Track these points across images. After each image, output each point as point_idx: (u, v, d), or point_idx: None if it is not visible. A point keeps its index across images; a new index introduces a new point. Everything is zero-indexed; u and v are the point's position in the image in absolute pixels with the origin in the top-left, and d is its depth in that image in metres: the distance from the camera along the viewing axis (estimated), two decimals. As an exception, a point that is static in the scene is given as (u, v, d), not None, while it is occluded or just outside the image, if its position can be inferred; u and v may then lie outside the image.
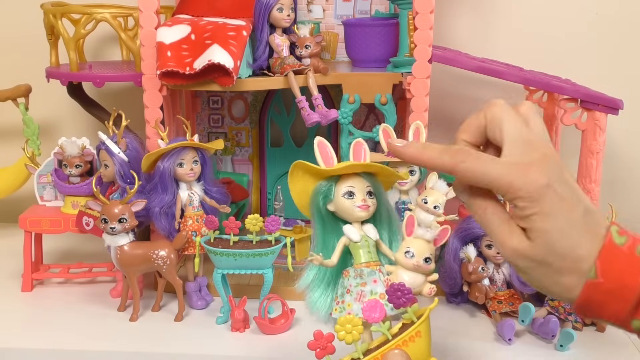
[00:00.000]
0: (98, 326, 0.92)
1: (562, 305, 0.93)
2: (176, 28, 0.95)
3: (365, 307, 0.54)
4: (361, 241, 0.58)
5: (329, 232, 0.59)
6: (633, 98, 1.09)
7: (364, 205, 0.57)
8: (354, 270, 0.58)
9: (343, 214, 0.58)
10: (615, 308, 0.44)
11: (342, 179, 0.58)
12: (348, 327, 0.53)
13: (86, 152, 1.06)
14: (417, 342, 0.53)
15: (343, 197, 0.58)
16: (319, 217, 0.59)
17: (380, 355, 0.52)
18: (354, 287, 0.57)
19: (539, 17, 1.24)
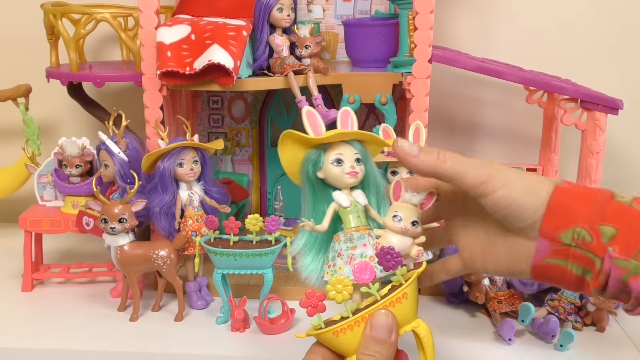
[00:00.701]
0: (98, 326, 0.92)
1: (562, 305, 0.93)
2: (176, 28, 0.95)
3: (356, 269, 0.55)
4: (350, 206, 0.59)
5: (319, 199, 0.60)
6: (633, 98, 1.09)
7: (352, 172, 0.58)
8: (344, 235, 0.59)
9: (332, 180, 0.59)
10: (582, 208, 0.52)
11: (331, 147, 0.59)
12: (339, 287, 0.54)
13: (86, 152, 1.06)
14: (403, 303, 0.55)
15: (332, 164, 0.58)
16: (309, 184, 0.60)
17: (367, 314, 0.54)
18: (344, 250, 0.58)
19: (539, 17, 1.25)
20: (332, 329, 0.54)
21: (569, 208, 0.52)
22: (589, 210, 0.52)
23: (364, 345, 0.54)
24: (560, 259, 0.53)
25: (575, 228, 0.52)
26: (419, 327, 0.56)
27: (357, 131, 0.59)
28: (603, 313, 0.91)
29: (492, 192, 0.53)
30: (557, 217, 0.52)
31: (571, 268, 0.53)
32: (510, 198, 0.53)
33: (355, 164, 0.58)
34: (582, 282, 0.53)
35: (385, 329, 0.54)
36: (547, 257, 0.53)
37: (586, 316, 0.92)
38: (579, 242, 0.52)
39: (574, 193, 0.53)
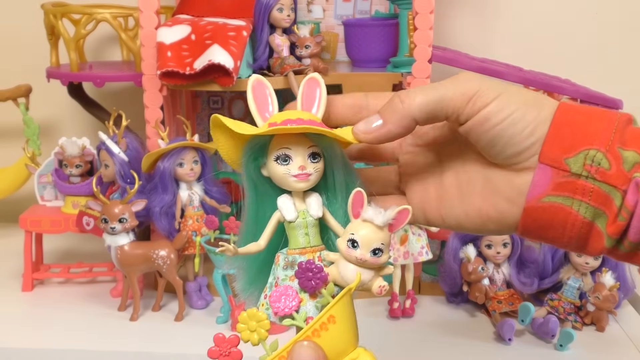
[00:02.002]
0: (98, 326, 0.92)
1: (562, 305, 0.93)
2: (176, 28, 0.95)
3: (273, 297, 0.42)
4: (297, 220, 0.43)
5: (263, 203, 0.45)
6: (633, 98, 1.09)
7: (301, 174, 0.42)
8: (284, 258, 0.43)
9: (277, 182, 0.43)
10: (596, 127, 0.39)
11: (277, 137, 0.42)
12: (252, 324, 0.42)
13: (86, 152, 1.06)
14: (331, 329, 0.40)
15: (276, 161, 0.42)
16: (251, 183, 0.44)
17: (287, 352, 0.40)
18: (281, 280, 0.43)
19: (539, 17, 1.25)
20: None
21: (579, 126, 0.39)
22: (605, 129, 0.39)
23: None
24: (563, 196, 0.39)
25: (589, 150, 0.38)
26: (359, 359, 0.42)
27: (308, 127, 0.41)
28: (603, 313, 0.91)
29: (483, 105, 0.40)
30: (564, 136, 0.39)
31: (578, 209, 0.39)
32: (507, 110, 0.39)
33: (308, 161, 0.42)
34: (589, 232, 0.39)
35: None
36: (546, 193, 0.39)
37: (586, 316, 0.93)
38: (593, 170, 0.38)
39: (583, 110, 0.40)
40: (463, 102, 0.40)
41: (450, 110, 0.40)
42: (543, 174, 0.39)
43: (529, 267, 0.95)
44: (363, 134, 0.42)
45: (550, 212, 0.39)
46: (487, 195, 0.42)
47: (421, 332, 0.91)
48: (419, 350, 0.86)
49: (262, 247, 0.44)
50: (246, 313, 0.42)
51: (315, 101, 0.44)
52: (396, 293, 0.95)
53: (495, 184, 0.42)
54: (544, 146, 0.39)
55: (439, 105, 0.41)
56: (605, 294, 0.88)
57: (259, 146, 0.43)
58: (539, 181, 0.39)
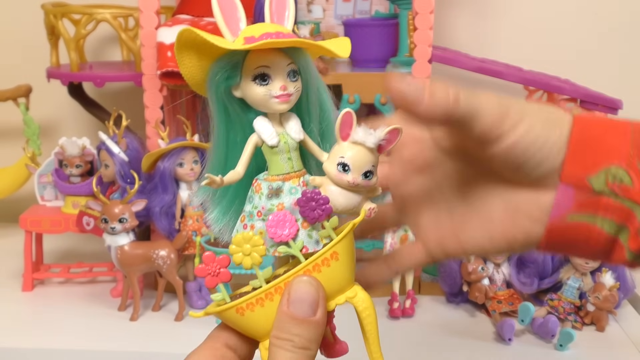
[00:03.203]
0: (98, 326, 0.92)
1: (561, 305, 0.93)
2: (176, 28, 0.95)
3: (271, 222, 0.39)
4: (279, 145, 0.40)
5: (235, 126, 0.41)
6: (633, 98, 1.09)
7: (283, 94, 0.38)
8: (267, 185, 0.40)
9: (254, 103, 0.39)
10: (615, 141, 0.38)
11: (253, 54, 0.38)
12: (246, 247, 0.39)
13: (86, 152, 1.06)
14: (332, 265, 0.39)
15: (254, 81, 0.38)
16: (220, 105, 0.41)
17: (284, 283, 0.38)
18: (267, 209, 0.40)
19: (539, 17, 1.25)
20: (234, 305, 0.40)
21: (599, 141, 0.38)
22: (622, 142, 0.37)
23: (279, 326, 0.38)
24: (587, 215, 0.38)
25: (610, 167, 0.37)
26: (356, 298, 0.40)
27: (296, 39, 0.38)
28: (603, 313, 0.91)
29: (511, 128, 0.38)
30: (584, 153, 0.38)
31: (602, 226, 0.38)
32: (533, 133, 0.38)
33: (288, 80, 0.39)
34: (612, 246, 0.39)
35: (307, 303, 0.38)
36: (570, 212, 0.38)
37: (586, 316, 0.93)
38: (615, 188, 0.37)
39: (598, 123, 0.39)
40: (500, 120, 0.38)
41: (486, 124, 0.38)
42: (565, 193, 0.38)
43: (529, 267, 0.95)
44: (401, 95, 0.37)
45: (573, 230, 0.39)
46: (510, 217, 0.41)
47: (421, 332, 0.91)
48: (419, 350, 0.86)
49: (241, 175, 0.40)
50: (241, 235, 0.39)
51: (286, 12, 0.40)
52: (396, 293, 0.95)
53: (518, 204, 0.40)
54: (564, 165, 0.38)
55: (477, 114, 0.37)
56: (605, 294, 0.88)
57: (231, 64, 0.39)
58: (562, 200, 0.38)
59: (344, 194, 0.39)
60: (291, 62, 0.39)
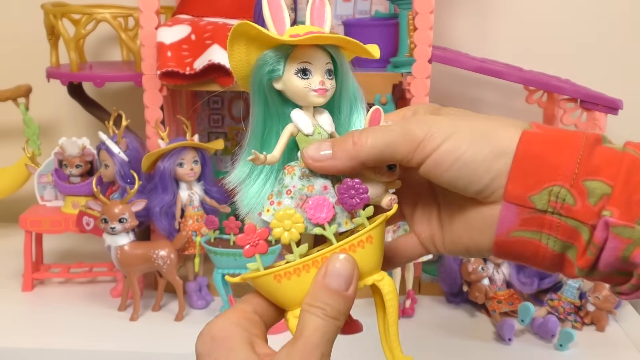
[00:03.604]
0: (98, 326, 0.92)
1: (561, 305, 0.93)
2: (176, 28, 0.95)
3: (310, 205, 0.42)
4: (314, 134, 0.44)
5: (272, 117, 0.45)
6: (633, 98, 1.09)
7: (321, 89, 0.43)
8: (300, 169, 0.44)
9: (293, 96, 0.44)
10: (560, 158, 0.38)
11: (297, 51, 0.43)
12: (287, 223, 0.42)
13: (86, 152, 1.06)
14: (367, 248, 0.42)
15: (296, 75, 0.43)
16: (261, 96, 0.44)
17: (321, 257, 0.42)
18: (297, 188, 0.43)
19: (539, 17, 1.25)
20: (273, 272, 0.42)
21: (542, 159, 0.38)
22: (569, 160, 0.38)
23: (313, 294, 0.41)
24: (531, 231, 0.39)
25: (553, 187, 0.38)
26: (383, 281, 0.44)
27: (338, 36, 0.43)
28: (603, 313, 0.91)
29: (432, 150, 0.40)
30: (527, 173, 0.39)
31: (547, 243, 0.39)
32: (456, 152, 0.39)
33: (325, 77, 0.43)
34: (561, 261, 0.40)
35: (343, 278, 0.41)
36: (514, 229, 0.40)
37: (586, 316, 0.93)
38: (558, 207, 0.38)
39: (547, 138, 0.39)
40: (411, 149, 0.40)
41: (399, 156, 0.41)
42: (509, 211, 0.40)
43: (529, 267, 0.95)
44: (311, 160, 0.42)
45: (520, 245, 0.40)
46: (463, 226, 0.43)
47: (421, 332, 0.91)
48: (419, 350, 0.86)
49: (277, 159, 0.44)
50: (282, 211, 0.42)
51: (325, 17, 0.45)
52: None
53: (468, 215, 0.43)
54: (507, 184, 0.39)
55: (387, 151, 0.41)
56: (605, 294, 0.88)
57: (276, 58, 0.43)
58: (506, 217, 0.40)
59: (367, 184, 0.43)
60: (329, 62, 0.43)
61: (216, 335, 0.42)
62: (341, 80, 0.45)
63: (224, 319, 0.42)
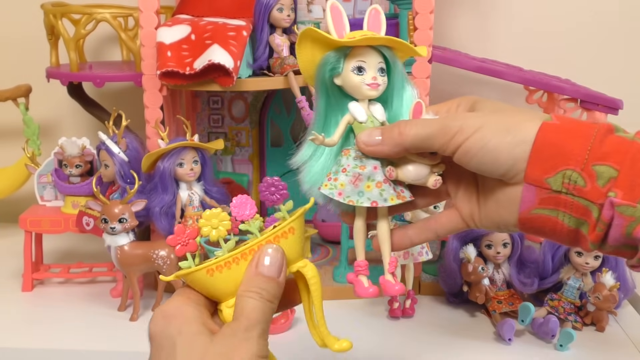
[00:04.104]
0: (98, 326, 0.92)
1: (562, 305, 0.93)
2: (176, 28, 0.95)
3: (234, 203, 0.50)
4: (367, 122, 0.51)
5: (333, 107, 0.53)
6: (633, 98, 1.09)
7: (373, 83, 0.51)
8: (355, 151, 0.51)
9: (350, 90, 0.52)
10: (573, 145, 0.44)
11: (354, 52, 0.51)
12: (214, 221, 0.49)
13: (86, 152, 1.06)
14: (290, 239, 0.48)
15: (352, 71, 0.51)
16: (324, 90, 0.52)
17: (249, 250, 0.47)
18: (351, 167, 0.51)
19: (539, 17, 1.25)
20: (206, 266, 0.48)
21: (557, 147, 0.45)
22: (581, 147, 0.44)
23: (248, 282, 0.47)
24: (549, 209, 0.46)
25: (566, 170, 0.44)
26: (306, 267, 0.50)
27: (387, 37, 0.51)
28: (603, 313, 0.91)
29: (463, 140, 0.47)
30: (543, 158, 0.45)
31: (563, 219, 0.45)
32: (482, 141, 0.46)
33: (378, 74, 0.51)
34: (576, 236, 0.46)
35: (274, 266, 0.47)
36: (534, 207, 0.46)
37: (586, 316, 0.93)
38: (570, 188, 0.44)
39: (564, 129, 0.45)
40: (446, 140, 0.48)
41: (437, 146, 0.48)
42: (528, 191, 0.46)
43: (529, 267, 0.95)
44: (363, 144, 0.50)
45: (540, 221, 0.47)
46: (494, 205, 0.50)
47: (421, 332, 0.91)
48: (419, 350, 0.86)
49: (335, 142, 0.52)
50: (209, 212, 0.49)
51: (380, 24, 0.52)
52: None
53: (497, 195, 0.49)
54: (527, 167, 0.46)
55: (427, 142, 0.48)
56: (606, 294, 0.88)
57: (336, 58, 0.51)
58: (526, 197, 0.46)
59: (414, 166, 0.51)
60: (381, 61, 0.51)
61: (167, 313, 0.47)
62: (393, 77, 0.52)
63: (174, 301, 0.47)
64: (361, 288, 0.53)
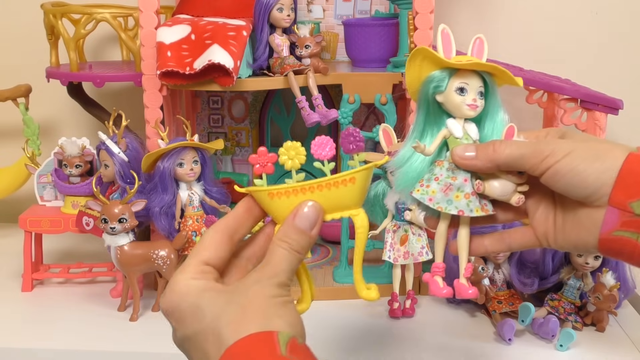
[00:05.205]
0: (98, 326, 0.92)
1: (562, 305, 0.93)
2: (176, 28, 0.95)
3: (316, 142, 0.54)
4: (462, 138, 0.56)
5: (430, 122, 0.57)
6: (633, 98, 1.09)
7: (473, 104, 0.55)
8: (448, 163, 0.56)
9: (450, 107, 0.56)
10: None
11: (458, 74, 0.56)
12: (291, 153, 0.53)
13: (86, 152, 1.06)
14: (349, 187, 0.52)
15: (455, 91, 0.55)
16: (425, 104, 0.57)
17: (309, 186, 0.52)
18: (444, 177, 0.55)
19: (539, 17, 1.25)
20: (268, 189, 0.53)
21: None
22: None
23: (283, 231, 0.52)
24: (630, 232, 0.50)
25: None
26: (358, 216, 0.54)
27: (492, 64, 0.55)
28: (603, 313, 0.91)
29: (553, 163, 0.51)
30: (628, 184, 0.49)
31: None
32: (572, 164, 0.51)
33: (477, 96, 0.55)
34: None
35: (308, 221, 0.52)
36: (615, 229, 0.50)
37: (586, 316, 0.92)
38: None
39: None
40: (538, 161, 0.52)
41: (528, 166, 0.52)
42: (612, 214, 0.50)
43: (529, 267, 0.95)
44: (458, 157, 0.54)
45: (620, 243, 0.50)
46: (574, 226, 0.54)
47: (421, 332, 0.91)
48: (419, 350, 0.86)
49: (432, 152, 0.56)
50: (290, 143, 0.53)
51: (484, 51, 0.57)
52: (396, 293, 0.95)
53: (579, 217, 0.53)
54: (612, 192, 0.50)
55: (519, 161, 0.53)
56: (606, 294, 0.88)
57: (442, 77, 0.55)
58: (609, 219, 0.50)
59: (501, 183, 0.55)
60: (481, 86, 0.56)
61: (180, 290, 0.50)
62: (489, 101, 0.57)
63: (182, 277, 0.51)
64: (436, 288, 0.58)
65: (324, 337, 0.88)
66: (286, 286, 0.51)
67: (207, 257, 0.52)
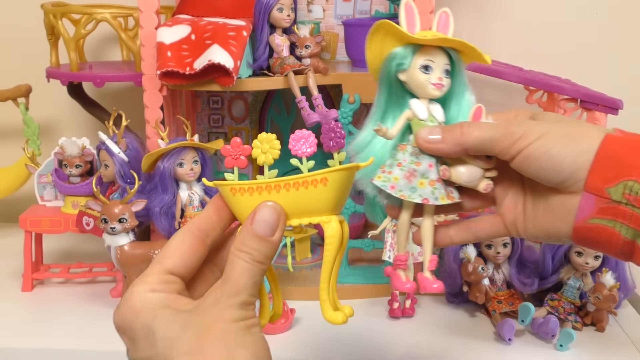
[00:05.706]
0: (98, 326, 0.92)
1: (562, 305, 0.93)
2: (176, 28, 0.95)
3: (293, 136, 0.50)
4: (427, 120, 0.51)
5: (393, 103, 0.53)
6: (633, 98, 1.09)
7: (438, 83, 0.51)
8: (412, 147, 0.52)
9: (414, 87, 0.52)
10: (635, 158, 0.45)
11: (423, 50, 0.51)
12: (265, 146, 0.50)
13: (86, 152, 1.06)
14: (319, 188, 0.45)
15: (419, 69, 0.51)
16: (387, 84, 0.53)
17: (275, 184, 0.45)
18: (407, 163, 0.51)
19: (539, 17, 1.25)
20: (230, 184, 0.47)
21: (620, 158, 0.45)
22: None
23: (241, 238, 0.45)
24: (607, 219, 0.46)
25: (627, 181, 0.44)
26: (329, 224, 0.47)
27: (459, 40, 0.51)
28: (603, 313, 0.91)
29: (525, 145, 0.47)
30: (606, 168, 0.45)
31: (620, 230, 0.45)
32: (545, 147, 0.47)
33: (443, 75, 0.51)
34: (632, 248, 0.46)
35: (268, 225, 0.45)
36: (591, 216, 0.46)
37: (586, 316, 0.93)
38: (631, 199, 0.44)
39: (627, 141, 0.46)
40: (509, 144, 0.48)
41: (498, 149, 0.48)
42: (588, 200, 0.46)
43: (529, 267, 0.95)
44: (422, 141, 0.50)
45: (596, 231, 0.47)
46: (546, 214, 0.50)
47: (421, 332, 0.91)
48: (419, 350, 0.86)
49: (394, 136, 0.52)
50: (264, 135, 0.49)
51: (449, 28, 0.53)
52: (396, 293, 0.95)
53: (552, 204, 0.49)
54: (588, 176, 0.46)
55: (489, 144, 0.49)
56: (606, 294, 0.88)
57: (404, 54, 0.51)
58: (585, 206, 0.47)
59: (468, 168, 0.51)
60: (447, 63, 0.51)
61: (134, 306, 0.46)
62: (455, 80, 0.53)
63: (139, 289, 0.46)
64: (399, 282, 0.54)
65: (323, 337, 0.88)
66: (250, 305, 0.45)
67: (171, 266, 0.47)
